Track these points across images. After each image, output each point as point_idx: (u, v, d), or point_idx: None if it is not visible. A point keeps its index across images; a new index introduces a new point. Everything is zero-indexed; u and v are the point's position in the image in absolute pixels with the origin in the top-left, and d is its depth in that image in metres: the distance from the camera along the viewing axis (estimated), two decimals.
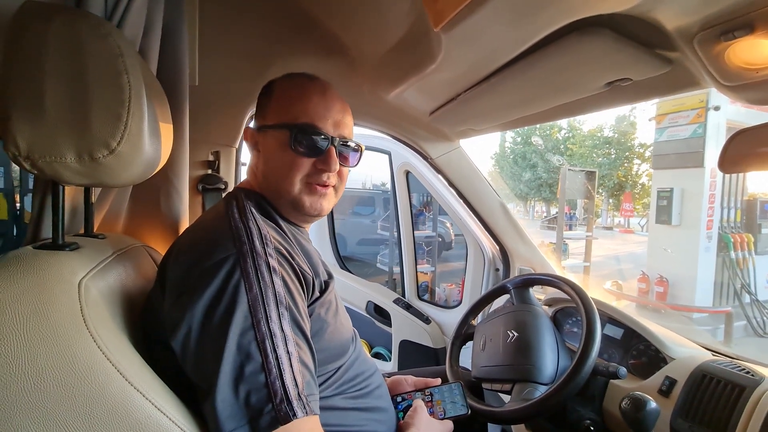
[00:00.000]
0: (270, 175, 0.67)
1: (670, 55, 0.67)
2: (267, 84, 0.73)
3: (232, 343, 0.47)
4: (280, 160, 0.65)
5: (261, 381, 0.46)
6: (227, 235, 0.54)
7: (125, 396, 0.43)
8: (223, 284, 0.49)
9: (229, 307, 0.48)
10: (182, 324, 0.49)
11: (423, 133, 1.38)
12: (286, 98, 0.67)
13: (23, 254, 0.48)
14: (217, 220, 0.58)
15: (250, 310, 0.49)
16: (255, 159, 0.70)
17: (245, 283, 0.50)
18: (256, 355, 0.47)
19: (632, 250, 11.14)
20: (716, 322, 4.75)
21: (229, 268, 0.50)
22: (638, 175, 15.81)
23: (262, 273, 0.51)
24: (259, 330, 0.48)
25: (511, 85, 0.85)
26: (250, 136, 0.70)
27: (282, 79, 0.71)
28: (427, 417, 0.73)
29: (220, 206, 0.62)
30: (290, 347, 0.50)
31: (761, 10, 0.50)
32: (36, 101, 0.48)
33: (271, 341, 0.48)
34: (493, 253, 1.63)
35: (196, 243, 0.56)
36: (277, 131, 0.65)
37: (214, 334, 0.48)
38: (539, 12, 0.58)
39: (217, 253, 0.51)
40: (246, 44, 1.09)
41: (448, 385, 0.84)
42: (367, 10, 0.91)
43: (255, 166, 0.70)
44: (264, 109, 0.69)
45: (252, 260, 0.51)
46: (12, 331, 0.41)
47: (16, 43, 0.48)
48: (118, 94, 0.50)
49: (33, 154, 0.48)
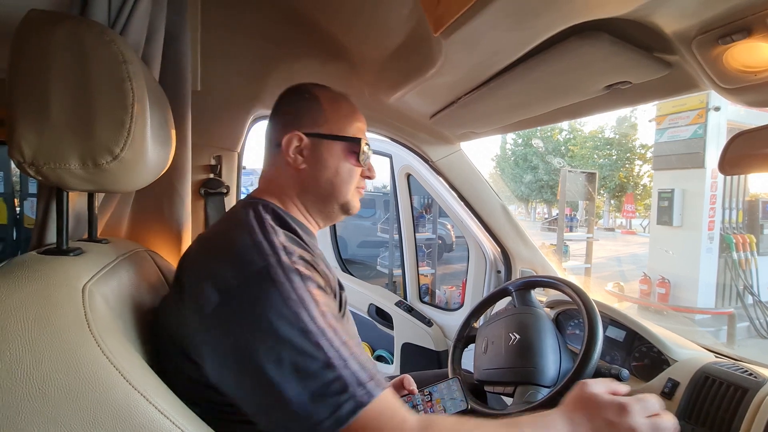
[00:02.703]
0: (327, 180, 0.69)
1: (668, 58, 0.68)
2: (297, 90, 0.73)
3: (288, 349, 0.48)
4: (343, 168, 0.70)
5: (330, 376, 0.48)
6: (251, 248, 0.54)
7: (129, 400, 0.43)
8: (259, 298, 0.50)
9: (275, 315, 0.49)
10: (222, 339, 0.50)
11: (424, 136, 1.38)
12: (342, 112, 0.71)
13: (28, 259, 0.49)
14: (237, 231, 0.58)
15: (296, 316, 0.49)
16: (292, 167, 0.68)
17: (281, 294, 0.50)
18: (316, 353, 0.48)
19: (634, 252, 11.12)
20: (719, 324, 4.73)
21: (260, 280, 0.51)
22: (640, 176, 15.80)
23: (292, 281, 0.52)
24: (309, 332, 0.49)
25: (511, 88, 0.85)
26: (298, 141, 0.68)
27: (319, 89, 0.72)
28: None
29: (238, 217, 0.62)
30: (343, 337, 0.51)
31: (758, 14, 0.50)
32: (41, 108, 0.48)
33: (324, 336, 0.49)
34: (495, 255, 1.63)
35: (218, 254, 0.56)
36: (343, 143, 0.69)
37: (267, 346, 0.48)
38: (538, 17, 0.59)
39: (245, 267, 0.52)
40: (247, 49, 1.09)
41: (446, 382, 0.84)
42: (368, 15, 0.92)
43: (292, 168, 0.69)
44: (313, 116, 0.69)
45: (282, 270, 0.52)
46: (17, 336, 0.41)
47: (21, 50, 0.49)
48: (122, 101, 0.50)
49: (37, 161, 0.49)
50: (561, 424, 0.55)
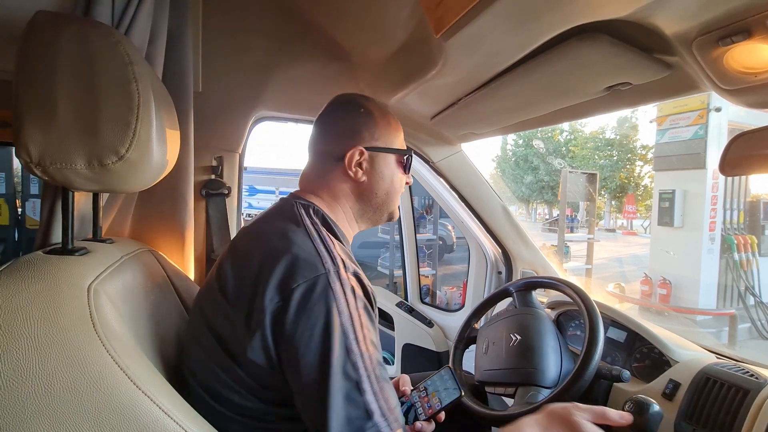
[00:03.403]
0: (382, 190, 0.73)
1: (669, 59, 0.68)
2: (349, 101, 0.74)
3: (335, 364, 0.50)
4: (395, 179, 0.74)
5: (359, 400, 0.50)
6: (314, 254, 0.56)
7: (133, 400, 0.44)
8: (318, 307, 0.52)
9: (327, 328, 0.51)
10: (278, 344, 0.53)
11: (424, 137, 1.38)
12: (388, 125, 0.74)
13: (34, 259, 0.49)
14: (296, 234, 0.59)
15: (344, 332, 0.51)
16: (352, 179, 0.70)
17: (337, 305, 0.52)
18: (353, 374, 0.50)
19: (635, 252, 11.10)
20: (720, 325, 4.71)
21: (322, 288, 0.53)
22: (641, 177, 15.78)
23: (347, 295, 0.54)
24: (351, 351, 0.51)
25: (511, 89, 0.86)
26: (360, 155, 0.70)
27: (369, 102, 0.74)
28: None
29: (292, 216, 0.63)
30: (375, 364, 0.53)
31: (758, 15, 0.50)
32: (47, 109, 0.49)
33: (362, 360, 0.51)
34: (496, 255, 1.63)
35: (280, 254, 0.55)
36: (397, 155, 0.74)
37: (319, 354, 0.50)
38: (538, 19, 0.59)
39: (309, 272, 0.53)
40: (249, 51, 1.10)
41: (438, 373, 0.85)
42: (369, 17, 0.93)
43: (350, 181, 0.71)
44: (370, 130, 0.71)
45: (339, 282, 0.54)
46: (23, 335, 0.42)
47: (29, 52, 0.49)
48: (128, 102, 0.51)
49: (44, 161, 0.49)
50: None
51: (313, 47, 1.13)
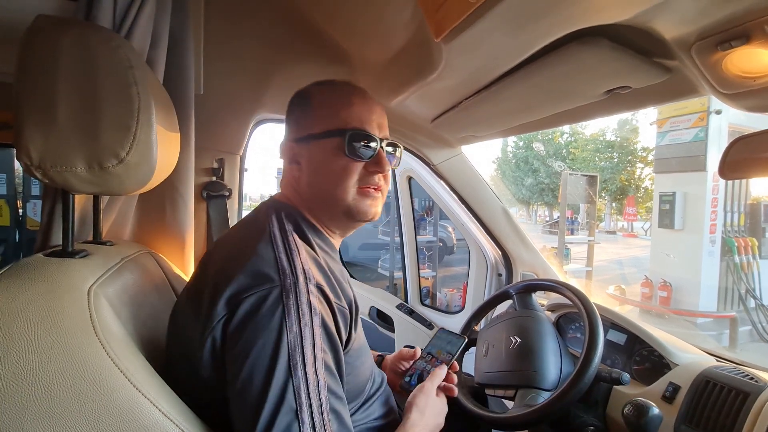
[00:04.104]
0: (320, 185, 0.64)
1: (668, 63, 0.68)
2: (297, 95, 0.70)
3: (274, 387, 0.46)
4: (332, 168, 0.63)
5: (294, 429, 0.46)
6: (272, 264, 0.52)
7: (133, 402, 0.44)
8: (265, 321, 0.48)
9: (270, 346, 0.48)
10: (224, 356, 0.50)
11: (425, 139, 1.39)
12: (328, 105, 0.65)
13: (34, 262, 0.50)
14: (260, 242, 0.56)
15: (289, 352, 0.48)
16: (296, 173, 0.67)
17: (286, 322, 0.49)
18: (291, 400, 0.46)
19: (635, 254, 11.09)
20: (721, 327, 4.70)
21: (272, 302, 0.49)
22: (641, 179, 15.79)
23: (303, 312, 0.50)
24: (295, 374, 0.47)
25: (511, 93, 0.86)
26: (288, 150, 0.67)
27: (314, 88, 0.68)
28: (432, 396, 0.72)
29: (262, 224, 0.60)
30: (322, 394, 0.49)
31: (756, 20, 0.51)
32: (48, 112, 0.49)
33: (306, 387, 0.48)
34: (496, 258, 1.63)
35: (237, 265, 0.53)
36: (326, 139, 0.63)
37: (258, 372, 0.47)
38: (538, 23, 0.59)
39: (261, 284, 0.50)
40: (249, 53, 1.10)
41: (434, 336, 0.87)
42: (369, 20, 0.93)
43: (296, 180, 0.67)
44: (302, 120, 0.66)
45: (294, 297, 0.50)
46: (23, 338, 0.42)
47: (30, 55, 0.50)
48: (128, 105, 0.51)
49: (45, 164, 0.49)
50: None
51: (313, 50, 1.14)
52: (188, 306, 0.56)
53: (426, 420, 0.68)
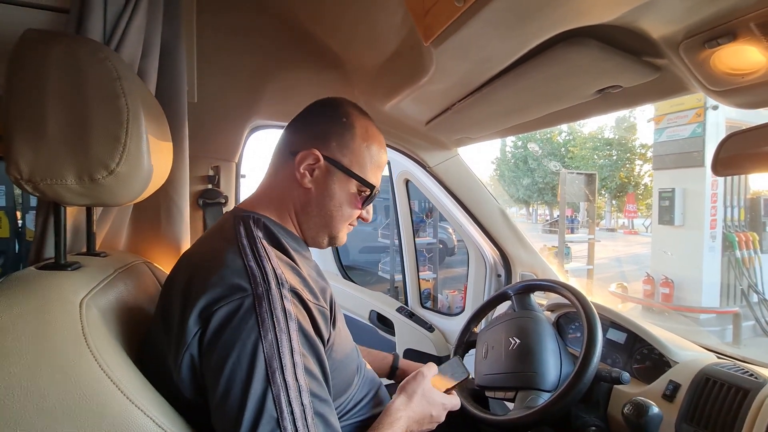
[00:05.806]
0: (325, 209, 0.65)
1: (657, 62, 0.68)
2: (332, 105, 0.68)
3: (252, 397, 0.46)
4: (344, 204, 0.66)
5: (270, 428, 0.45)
6: (242, 273, 0.51)
7: (127, 414, 0.44)
8: (238, 331, 0.48)
9: (246, 357, 0.47)
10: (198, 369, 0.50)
11: (420, 142, 1.39)
12: (367, 149, 0.67)
13: (26, 275, 0.50)
14: (227, 253, 0.54)
15: (266, 361, 0.47)
16: (297, 182, 0.64)
17: (260, 330, 0.48)
18: (271, 409, 0.46)
19: (636, 252, 11.07)
20: (724, 323, 4.69)
21: (245, 311, 0.48)
22: (641, 176, 15.80)
23: (277, 318, 0.49)
24: (274, 382, 0.47)
25: (503, 94, 0.86)
26: (310, 156, 0.63)
27: (355, 114, 0.68)
28: (426, 386, 0.71)
29: (228, 234, 0.58)
30: (305, 399, 0.48)
31: (742, 18, 0.51)
32: (37, 125, 0.49)
33: (287, 394, 0.47)
34: (495, 259, 1.63)
35: (206, 278, 0.51)
36: (356, 182, 0.66)
37: (236, 384, 0.46)
38: (525, 25, 0.59)
39: (232, 294, 0.49)
40: (243, 60, 1.11)
41: (449, 361, 0.86)
42: (361, 25, 0.93)
43: (295, 190, 0.65)
44: (342, 144, 0.65)
45: (268, 304, 0.49)
46: (14, 352, 0.42)
47: (18, 69, 0.50)
48: (117, 116, 0.51)
49: (34, 177, 0.49)
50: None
51: (307, 55, 1.14)
52: (156, 330, 0.55)
53: (413, 407, 0.67)
